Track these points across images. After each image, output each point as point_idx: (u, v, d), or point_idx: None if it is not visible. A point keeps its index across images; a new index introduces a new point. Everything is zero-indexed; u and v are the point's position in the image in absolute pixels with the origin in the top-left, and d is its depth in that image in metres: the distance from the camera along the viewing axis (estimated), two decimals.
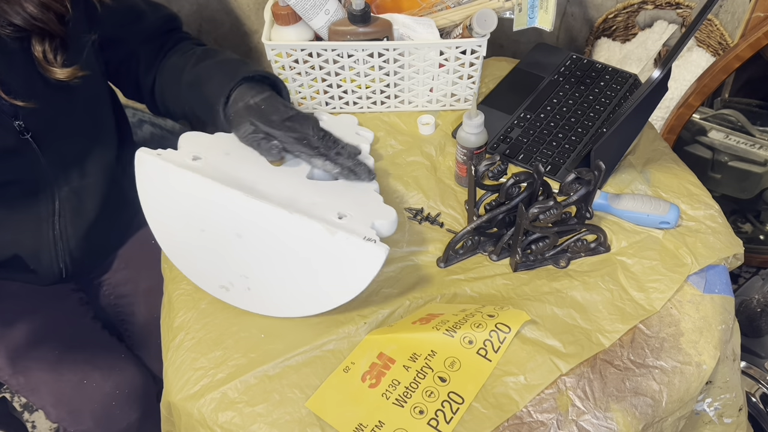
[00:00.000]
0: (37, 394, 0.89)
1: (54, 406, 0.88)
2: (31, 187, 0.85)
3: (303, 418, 0.68)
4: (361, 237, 0.69)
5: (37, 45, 0.77)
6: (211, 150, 0.78)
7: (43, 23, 0.75)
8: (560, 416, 0.68)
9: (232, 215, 0.73)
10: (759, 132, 1.42)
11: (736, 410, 0.82)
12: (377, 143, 0.99)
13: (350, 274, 0.71)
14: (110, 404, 0.87)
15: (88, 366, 0.89)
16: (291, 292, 0.74)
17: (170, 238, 0.78)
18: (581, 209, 0.78)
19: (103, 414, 0.87)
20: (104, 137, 0.94)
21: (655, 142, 0.97)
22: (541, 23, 0.94)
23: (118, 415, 0.88)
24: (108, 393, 0.88)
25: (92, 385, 0.87)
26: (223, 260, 0.75)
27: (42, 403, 0.89)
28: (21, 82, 0.77)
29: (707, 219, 0.86)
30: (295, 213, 0.70)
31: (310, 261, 0.71)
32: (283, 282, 0.73)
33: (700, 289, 0.79)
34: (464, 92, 1.02)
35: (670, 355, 0.73)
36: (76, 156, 0.88)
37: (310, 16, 0.92)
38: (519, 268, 0.81)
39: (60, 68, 0.78)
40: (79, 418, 0.87)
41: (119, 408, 0.88)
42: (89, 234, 0.92)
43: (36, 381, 0.89)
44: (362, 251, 0.69)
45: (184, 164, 0.74)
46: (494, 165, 0.75)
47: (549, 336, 0.74)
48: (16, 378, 0.89)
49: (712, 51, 1.47)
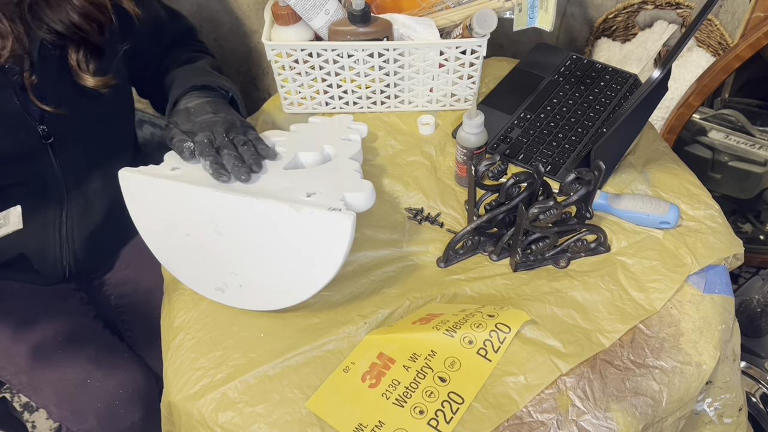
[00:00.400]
0: (40, 394, 0.89)
1: (57, 406, 0.88)
2: (41, 189, 0.86)
3: (303, 418, 0.68)
4: (326, 208, 0.69)
5: (73, 53, 0.78)
6: (191, 161, 0.79)
7: (84, 32, 0.77)
8: (560, 416, 0.68)
9: (209, 213, 0.74)
10: (759, 132, 1.42)
11: (736, 410, 0.82)
12: (376, 142, 0.99)
13: (326, 248, 0.71)
14: (114, 403, 0.87)
15: (91, 365, 0.89)
16: (279, 281, 0.74)
17: (163, 249, 0.79)
18: (581, 209, 0.78)
19: (106, 413, 0.87)
20: (120, 144, 0.96)
21: (655, 142, 0.97)
22: (541, 23, 0.94)
23: (121, 414, 0.88)
24: (111, 392, 0.88)
25: (96, 385, 0.88)
26: (212, 261, 0.76)
27: (45, 402, 0.89)
28: (53, 88, 0.79)
29: (707, 219, 0.86)
30: (262, 198, 0.71)
31: (287, 244, 0.72)
32: (270, 272, 0.74)
33: (700, 289, 0.79)
34: (464, 92, 1.02)
35: (670, 355, 0.73)
36: (89, 161, 0.90)
37: (310, 16, 0.92)
38: (519, 268, 0.81)
39: (92, 76, 0.80)
40: (82, 417, 0.87)
41: (123, 407, 0.88)
42: (94, 236, 0.93)
43: (39, 380, 0.89)
44: (329, 222, 0.69)
45: (163, 175, 0.76)
46: (494, 165, 0.75)
47: (549, 336, 0.74)
48: (18, 377, 0.89)
49: (712, 51, 1.47)
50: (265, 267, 0.74)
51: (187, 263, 0.78)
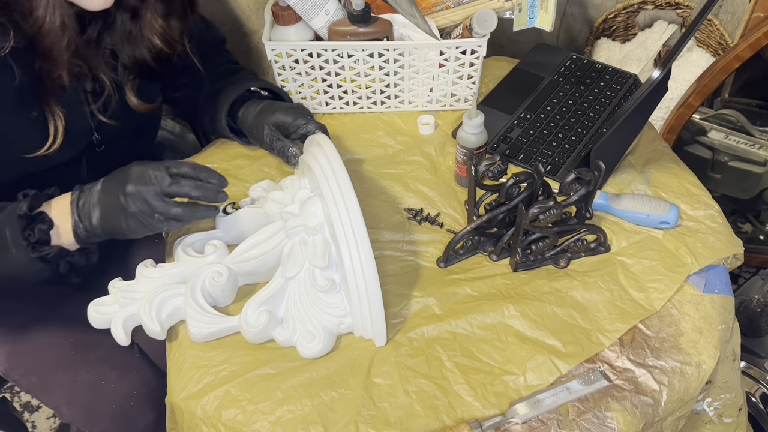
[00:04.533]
0: (50, 394, 0.88)
1: (68, 406, 0.87)
2: (62, 193, 0.86)
3: (306, 416, 0.68)
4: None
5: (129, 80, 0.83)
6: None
7: (149, 67, 0.83)
8: (560, 416, 0.68)
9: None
10: (759, 132, 1.42)
11: (736, 410, 0.82)
12: (376, 142, 0.99)
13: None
14: (128, 405, 0.87)
15: (105, 366, 0.88)
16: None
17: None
18: (581, 209, 0.78)
19: (120, 414, 0.87)
20: (143, 153, 0.98)
21: (655, 142, 0.97)
22: (541, 23, 0.94)
23: (135, 415, 0.88)
24: (125, 393, 0.87)
25: (110, 386, 0.87)
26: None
27: (55, 403, 0.88)
28: (109, 100, 0.82)
29: (707, 219, 0.86)
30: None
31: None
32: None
33: (700, 289, 0.79)
34: (464, 92, 1.02)
35: (670, 355, 0.73)
36: (116, 167, 0.90)
37: (310, 16, 0.92)
38: (519, 268, 0.82)
39: (142, 103, 0.85)
40: (96, 418, 0.87)
41: (137, 408, 0.88)
42: (110, 240, 0.93)
43: (49, 381, 0.88)
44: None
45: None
46: (494, 165, 0.75)
47: (549, 336, 0.74)
48: (28, 378, 0.89)
49: (712, 51, 1.47)
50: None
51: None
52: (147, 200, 0.70)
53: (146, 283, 0.78)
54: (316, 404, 0.69)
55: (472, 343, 0.73)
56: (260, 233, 0.78)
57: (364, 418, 0.68)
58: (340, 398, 0.69)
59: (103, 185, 0.73)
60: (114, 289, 0.78)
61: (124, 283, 0.79)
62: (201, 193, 0.73)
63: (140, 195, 0.70)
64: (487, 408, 0.68)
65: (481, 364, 0.72)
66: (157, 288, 0.76)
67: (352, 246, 0.68)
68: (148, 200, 0.70)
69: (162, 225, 0.72)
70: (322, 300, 0.74)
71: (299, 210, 0.76)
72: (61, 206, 0.73)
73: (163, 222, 0.72)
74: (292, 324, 0.74)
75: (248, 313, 0.73)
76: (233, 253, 0.78)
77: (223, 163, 0.96)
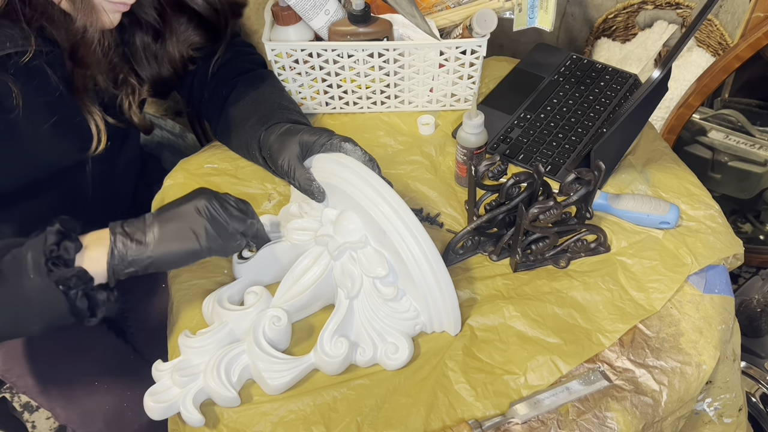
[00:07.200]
0: (46, 396, 0.88)
1: (64, 408, 0.88)
2: (70, 196, 0.87)
3: (308, 416, 0.68)
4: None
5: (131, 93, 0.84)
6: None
7: (163, 83, 0.85)
8: (560, 416, 0.68)
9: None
10: (759, 132, 1.42)
11: (736, 410, 0.82)
12: (376, 142, 0.99)
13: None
14: (122, 406, 0.87)
15: (99, 368, 0.88)
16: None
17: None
18: (581, 209, 0.78)
19: (114, 416, 0.87)
20: (137, 151, 0.99)
21: (655, 142, 0.97)
22: (541, 23, 0.94)
23: (129, 417, 0.88)
24: (119, 395, 0.87)
25: (104, 387, 0.87)
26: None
27: (51, 404, 0.88)
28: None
29: (707, 219, 0.86)
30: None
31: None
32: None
33: (700, 289, 0.79)
34: (464, 92, 1.02)
35: (670, 355, 0.73)
36: (113, 170, 0.91)
37: (310, 17, 0.92)
38: (519, 268, 0.82)
39: (140, 114, 0.85)
40: (90, 420, 0.87)
41: (131, 410, 0.88)
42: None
43: (45, 383, 0.88)
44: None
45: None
46: (494, 165, 0.75)
47: (549, 336, 0.74)
48: (24, 380, 0.89)
49: (712, 51, 1.47)
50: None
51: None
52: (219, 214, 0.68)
53: (199, 354, 0.71)
54: (318, 404, 0.69)
55: (473, 343, 0.73)
56: (297, 265, 0.74)
57: (366, 418, 0.68)
58: (342, 398, 0.69)
59: (155, 212, 0.68)
60: (162, 372, 0.71)
61: (172, 362, 0.71)
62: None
63: (213, 206, 0.68)
64: (487, 408, 0.68)
65: (482, 364, 0.72)
66: (215, 354, 0.70)
67: (409, 241, 0.67)
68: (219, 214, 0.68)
69: (235, 243, 0.69)
70: (392, 308, 0.72)
71: (333, 230, 0.74)
72: (95, 234, 0.67)
73: (238, 239, 0.69)
74: (371, 342, 0.72)
75: (325, 345, 0.70)
76: (278, 293, 0.74)
77: (224, 163, 0.96)
